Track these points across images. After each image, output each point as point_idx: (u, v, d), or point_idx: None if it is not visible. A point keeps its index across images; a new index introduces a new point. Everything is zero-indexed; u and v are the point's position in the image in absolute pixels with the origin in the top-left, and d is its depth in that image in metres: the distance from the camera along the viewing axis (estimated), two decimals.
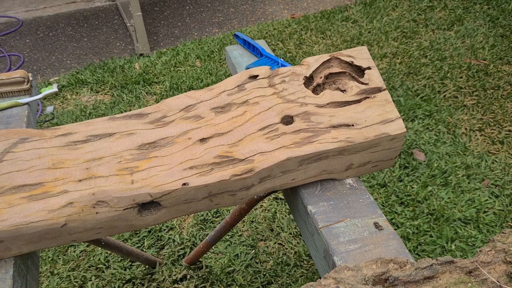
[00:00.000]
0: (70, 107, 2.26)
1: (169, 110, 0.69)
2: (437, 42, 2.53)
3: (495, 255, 0.47)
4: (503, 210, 1.56)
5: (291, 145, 0.64)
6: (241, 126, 0.66)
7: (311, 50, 2.56)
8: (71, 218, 0.57)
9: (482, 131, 1.92)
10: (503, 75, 2.23)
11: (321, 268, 0.65)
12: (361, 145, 0.66)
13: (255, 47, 1.01)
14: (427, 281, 0.46)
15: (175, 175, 0.60)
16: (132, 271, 1.44)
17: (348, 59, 0.74)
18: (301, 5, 3.21)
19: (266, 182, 0.65)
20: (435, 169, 1.72)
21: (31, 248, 0.60)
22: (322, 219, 0.63)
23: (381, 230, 0.61)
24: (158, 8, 3.28)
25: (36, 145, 0.64)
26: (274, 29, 2.80)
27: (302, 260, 1.46)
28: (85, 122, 0.68)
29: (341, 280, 0.46)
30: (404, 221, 1.54)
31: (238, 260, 1.46)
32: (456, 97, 2.11)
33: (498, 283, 0.45)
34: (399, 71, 2.31)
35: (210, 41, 2.72)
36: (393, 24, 2.73)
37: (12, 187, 0.59)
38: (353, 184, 0.69)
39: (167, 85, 2.31)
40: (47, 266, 1.47)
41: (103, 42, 2.87)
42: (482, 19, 2.70)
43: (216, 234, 1.18)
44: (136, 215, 0.61)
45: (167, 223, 1.60)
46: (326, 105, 0.68)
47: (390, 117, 0.68)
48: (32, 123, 0.85)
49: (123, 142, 0.65)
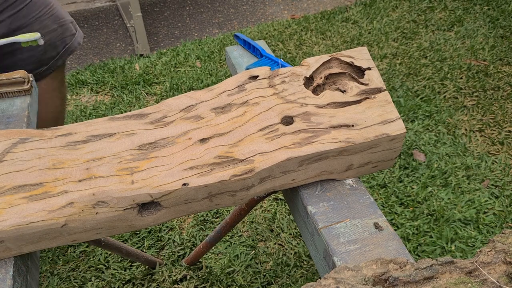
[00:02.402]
0: (70, 107, 2.26)
1: (170, 110, 0.69)
2: (437, 43, 2.53)
3: (495, 255, 0.48)
4: (503, 210, 1.56)
5: (291, 145, 0.64)
6: (241, 126, 0.66)
7: (311, 50, 2.57)
8: (71, 218, 0.57)
9: (482, 132, 1.92)
10: (503, 76, 2.23)
11: (321, 268, 0.65)
12: (361, 146, 0.66)
13: (255, 48, 1.01)
14: (427, 281, 0.46)
15: (175, 175, 0.60)
16: (132, 271, 1.44)
17: (348, 59, 0.74)
18: (301, 5, 3.21)
19: (266, 183, 0.65)
20: (435, 169, 1.72)
21: (31, 248, 0.60)
22: (322, 220, 0.63)
23: (381, 231, 0.61)
24: (158, 9, 3.28)
25: (36, 145, 0.64)
26: (274, 29, 2.80)
27: (302, 260, 1.46)
28: (85, 122, 0.68)
29: (341, 280, 0.46)
30: (404, 222, 1.54)
31: (238, 260, 1.46)
32: (456, 98, 2.12)
33: (498, 284, 0.45)
34: (399, 71, 2.31)
35: (210, 42, 2.72)
36: (393, 25, 2.73)
37: (12, 187, 0.59)
38: (353, 185, 0.69)
39: (167, 86, 2.31)
40: (47, 266, 1.47)
41: (103, 43, 2.88)
42: (482, 20, 2.70)
43: (216, 234, 1.18)
44: (136, 216, 0.61)
45: (167, 224, 1.60)
46: (326, 106, 0.68)
47: (390, 118, 0.68)
48: (32, 123, 0.85)
49: (123, 142, 0.65)
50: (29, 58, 1.14)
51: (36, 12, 1.12)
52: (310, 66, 0.74)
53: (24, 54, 1.13)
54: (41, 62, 1.17)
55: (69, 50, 1.22)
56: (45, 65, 1.18)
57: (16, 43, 0.95)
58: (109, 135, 0.66)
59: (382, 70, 2.34)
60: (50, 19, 1.15)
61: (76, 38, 1.23)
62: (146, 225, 0.63)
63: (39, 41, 0.93)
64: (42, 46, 1.13)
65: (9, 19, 1.07)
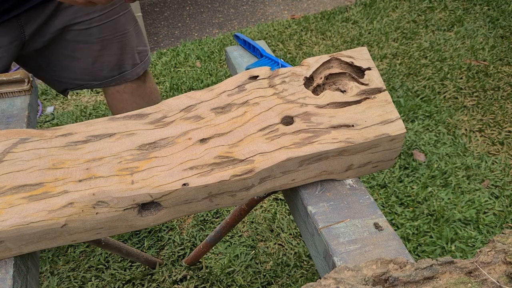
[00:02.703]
0: (70, 107, 2.26)
1: (169, 110, 0.69)
2: (437, 43, 2.53)
3: (495, 255, 0.48)
4: (503, 211, 1.56)
5: (291, 145, 0.64)
6: (241, 126, 0.66)
7: (311, 50, 2.57)
8: (71, 219, 0.57)
9: (482, 132, 1.92)
10: (503, 76, 2.23)
11: (321, 268, 0.65)
12: (361, 146, 0.66)
13: (255, 48, 1.01)
14: (427, 281, 0.46)
15: (175, 175, 0.60)
16: (132, 271, 1.44)
17: (348, 59, 0.74)
18: (301, 6, 3.21)
19: (266, 183, 0.65)
20: (435, 170, 1.72)
21: (31, 248, 0.60)
22: (322, 220, 0.63)
23: (381, 231, 0.61)
24: (158, 9, 3.28)
25: (37, 145, 0.64)
26: (274, 29, 2.80)
27: (302, 260, 1.46)
28: (85, 122, 0.68)
29: (341, 280, 0.46)
30: (404, 222, 1.54)
31: (238, 260, 1.46)
32: (456, 98, 2.12)
33: (498, 284, 0.45)
34: (399, 72, 2.31)
35: (210, 42, 2.72)
36: (393, 25, 2.73)
37: (13, 187, 0.59)
38: (353, 185, 0.69)
39: (167, 86, 2.31)
40: (47, 266, 1.47)
41: None
42: (482, 20, 2.70)
43: (216, 234, 1.18)
44: (136, 216, 0.61)
45: (167, 224, 1.60)
46: (326, 106, 0.68)
47: (390, 118, 0.68)
48: (32, 123, 0.85)
49: (123, 142, 0.65)
50: (82, 70, 1.20)
51: (106, 34, 1.17)
52: (310, 66, 0.74)
53: (80, 64, 1.19)
54: (95, 77, 1.23)
55: (123, 78, 1.27)
56: (98, 80, 1.24)
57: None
58: (109, 135, 0.66)
59: (382, 70, 2.34)
60: (115, 45, 1.20)
61: (135, 69, 1.28)
62: (146, 225, 0.63)
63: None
64: (100, 64, 1.19)
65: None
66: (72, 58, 1.17)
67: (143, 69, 1.29)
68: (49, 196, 0.58)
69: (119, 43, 1.20)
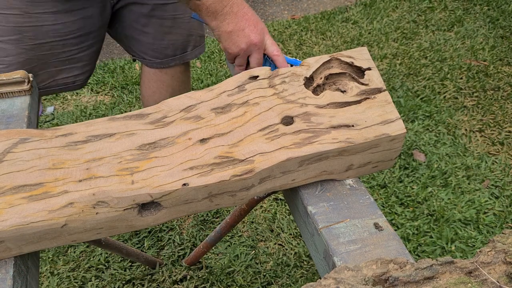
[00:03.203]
0: (70, 107, 2.26)
1: (170, 110, 0.69)
2: (437, 43, 2.53)
3: (495, 255, 0.48)
4: (503, 211, 1.56)
5: (291, 145, 0.64)
6: (241, 126, 0.66)
7: (311, 51, 2.57)
8: (71, 219, 0.57)
9: (482, 132, 1.92)
10: (503, 76, 2.23)
11: (321, 268, 0.65)
12: (361, 146, 0.66)
13: None
14: (427, 281, 0.46)
15: (175, 175, 0.60)
16: (132, 271, 1.44)
17: (348, 59, 0.74)
18: (301, 6, 3.21)
19: (266, 183, 0.65)
20: (435, 170, 1.72)
21: (31, 248, 0.60)
22: (322, 220, 0.63)
23: (381, 231, 0.61)
24: None
25: (37, 145, 0.64)
26: (274, 30, 2.80)
27: (302, 260, 1.46)
28: (85, 122, 0.68)
29: (341, 280, 0.46)
30: (404, 222, 1.54)
31: (238, 260, 1.46)
32: (456, 98, 2.12)
33: (498, 284, 0.45)
34: (399, 72, 2.31)
35: (210, 42, 2.73)
36: (393, 25, 2.73)
37: (13, 187, 0.59)
38: (353, 185, 0.69)
39: None
40: (47, 266, 1.47)
41: (103, 43, 2.87)
42: (482, 20, 2.70)
43: (216, 234, 1.18)
44: (136, 216, 0.61)
45: (167, 224, 1.60)
46: (326, 106, 0.68)
47: (390, 118, 0.68)
48: (32, 123, 0.85)
49: (123, 142, 0.65)
50: (150, 45, 1.23)
51: (179, 13, 1.20)
52: (310, 66, 0.74)
53: (149, 39, 1.22)
54: (158, 55, 1.26)
55: (183, 58, 1.30)
56: (159, 59, 1.27)
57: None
58: (109, 135, 0.66)
59: (382, 70, 2.34)
60: (185, 25, 1.23)
61: (194, 51, 1.32)
62: (146, 225, 0.63)
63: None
64: (166, 41, 1.22)
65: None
66: (141, 32, 1.20)
67: (199, 53, 1.33)
68: (49, 196, 0.58)
69: (188, 24, 1.23)
